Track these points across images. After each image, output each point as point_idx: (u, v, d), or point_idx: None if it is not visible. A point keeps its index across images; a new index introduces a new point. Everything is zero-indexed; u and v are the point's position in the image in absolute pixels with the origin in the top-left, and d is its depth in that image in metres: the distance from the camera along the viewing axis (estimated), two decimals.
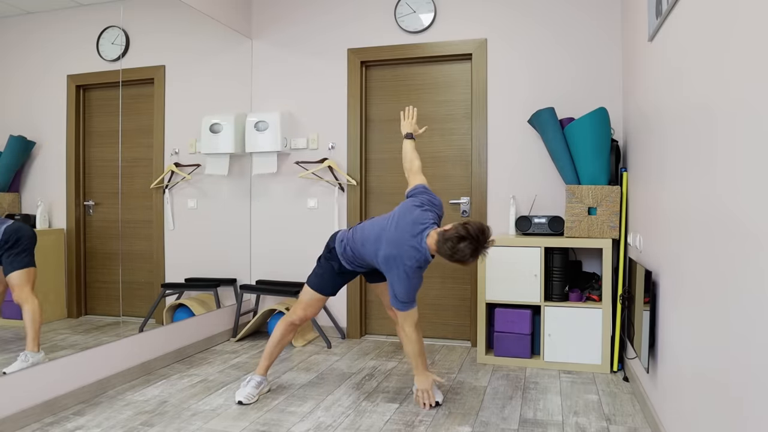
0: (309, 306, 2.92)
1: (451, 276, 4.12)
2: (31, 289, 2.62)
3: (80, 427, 2.58)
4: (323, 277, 2.89)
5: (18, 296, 2.56)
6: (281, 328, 2.95)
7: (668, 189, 2.23)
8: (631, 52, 3.31)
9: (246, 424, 2.63)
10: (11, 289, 2.55)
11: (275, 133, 4.19)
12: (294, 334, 2.99)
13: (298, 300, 2.97)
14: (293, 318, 2.93)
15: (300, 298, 2.95)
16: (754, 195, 1.30)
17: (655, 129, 2.52)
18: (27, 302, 2.60)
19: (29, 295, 2.60)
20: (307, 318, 2.94)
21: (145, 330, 3.36)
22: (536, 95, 3.91)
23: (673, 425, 2.15)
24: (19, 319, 2.59)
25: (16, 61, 2.59)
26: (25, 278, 2.59)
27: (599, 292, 3.50)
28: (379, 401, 2.93)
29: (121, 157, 3.20)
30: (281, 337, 2.95)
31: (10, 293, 2.55)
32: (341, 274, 2.89)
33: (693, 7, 1.86)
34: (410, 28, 4.11)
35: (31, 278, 2.62)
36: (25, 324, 2.61)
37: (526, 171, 3.92)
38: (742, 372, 1.38)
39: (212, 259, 4.00)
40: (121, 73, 3.18)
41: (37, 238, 2.67)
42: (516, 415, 2.73)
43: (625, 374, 3.26)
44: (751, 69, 1.32)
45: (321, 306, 2.95)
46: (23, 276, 2.58)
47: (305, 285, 2.95)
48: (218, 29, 4.05)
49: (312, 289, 2.91)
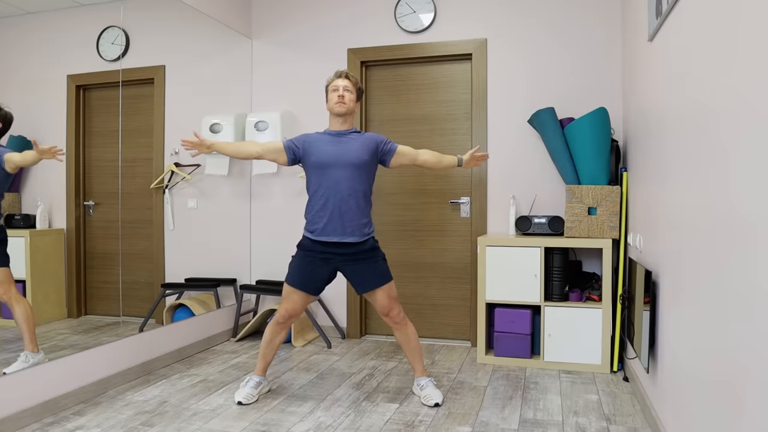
0: (285, 299, 2.90)
1: (451, 276, 4.12)
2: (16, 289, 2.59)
3: (80, 427, 2.58)
4: (291, 267, 2.90)
5: (6, 295, 2.54)
6: (269, 329, 2.95)
7: (668, 189, 2.23)
8: (631, 52, 3.31)
9: (246, 424, 2.63)
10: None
11: (275, 133, 4.19)
12: (285, 333, 2.96)
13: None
14: (277, 317, 2.92)
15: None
16: (754, 195, 1.30)
17: (655, 129, 2.52)
18: (18, 302, 2.58)
19: (17, 294, 2.59)
20: (289, 314, 2.89)
21: (145, 330, 3.36)
22: (536, 95, 3.91)
23: (673, 425, 2.15)
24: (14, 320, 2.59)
25: (16, 61, 2.59)
26: (9, 277, 2.57)
27: (599, 292, 3.50)
28: (379, 401, 2.93)
29: (121, 157, 3.20)
30: (271, 338, 2.94)
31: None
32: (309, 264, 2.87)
33: (693, 7, 1.86)
34: (410, 28, 4.11)
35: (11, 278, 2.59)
36: (19, 325, 2.60)
37: (526, 171, 3.92)
38: (742, 372, 1.38)
39: (212, 259, 4.00)
40: (121, 73, 3.18)
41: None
42: (516, 415, 2.73)
43: (625, 374, 3.26)
44: (752, 68, 1.32)
45: (298, 300, 2.88)
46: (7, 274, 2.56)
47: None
48: (218, 29, 4.05)
49: (285, 283, 2.92)
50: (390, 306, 2.87)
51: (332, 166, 2.82)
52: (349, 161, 2.83)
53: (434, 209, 4.15)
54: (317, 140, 2.90)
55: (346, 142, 2.87)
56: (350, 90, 2.90)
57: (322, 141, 2.89)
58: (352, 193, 2.81)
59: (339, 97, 2.87)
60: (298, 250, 2.92)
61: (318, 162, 2.84)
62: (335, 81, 2.91)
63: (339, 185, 2.80)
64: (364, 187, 2.86)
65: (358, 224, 2.82)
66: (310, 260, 2.86)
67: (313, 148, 2.88)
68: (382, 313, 2.90)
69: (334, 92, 2.89)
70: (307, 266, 2.86)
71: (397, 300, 2.91)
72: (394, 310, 2.88)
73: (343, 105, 2.87)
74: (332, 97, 2.89)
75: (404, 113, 4.22)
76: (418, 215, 4.19)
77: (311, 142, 2.90)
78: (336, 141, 2.87)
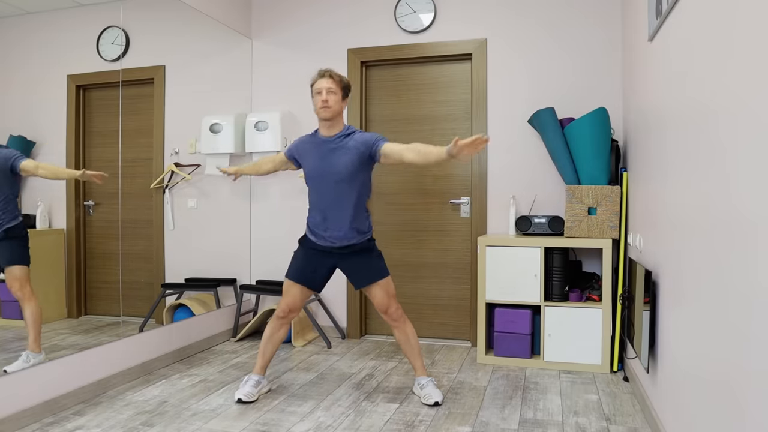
0: (285, 294, 2.94)
1: (451, 276, 4.12)
2: (31, 287, 2.62)
3: (80, 427, 2.58)
4: (291, 262, 2.97)
5: (20, 293, 2.56)
6: (270, 325, 2.99)
7: (668, 189, 2.23)
8: (631, 52, 3.31)
9: (246, 424, 2.63)
10: (11, 283, 2.54)
11: (275, 133, 4.19)
12: (285, 329, 2.98)
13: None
14: (277, 311, 2.96)
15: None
16: (754, 194, 1.30)
17: (655, 129, 2.52)
18: (29, 301, 2.60)
19: (31, 294, 2.61)
20: (289, 308, 2.93)
21: (145, 330, 3.36)
22: (536, 95, 3.91)
23: (673, 425, 2.15)
24: (20, 319, 2.59)
25: (16, 61, 2.59)
26: (26, 275, 2.59)
27: (599, 292, 3.50)
28: (379, 401, 2.93)
29: (121, 157, 3.20)
30: (271, 333, 2.97)
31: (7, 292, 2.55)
32: (309, 257, 2.91)
33: (693, 7, 1.86)
34: (410, 28, 4.11)
35: (29, 276, 2.62)
36: (27, 324, 2.61)
37: (526, 171, 3.92)
38: (742, 372, 1.38)
39: (212, 259, 4.00)
40: (121, 73, 3.18)
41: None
42: (516, 415, 2.73)
43: (625, 374, 3.26)
44: (752, 68, 1.32)
45: (297, 293, 2.91)
46: (25, 272, 2.58)
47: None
48: (218, 29, 4.05)
49: (285, 278, 2.96)
50: (388, 303, 2.91)
51: (322, 180, 2.82)
52: (338, 175, 2.78)
53: (434, 209, 4.15)
54: (307, 150, 2.89)
55: (334, 152, 2.81)
56: (334, 90, 2.78)
57: (311, 151, 2.87)
58: (347, 205, 2.81)
59: (323, 102, 2.76)
60: (299, 245, 2.98)
61: (309, 175, 2.88)
62: (318, 82, 2.78)
63: (333, 200, 2.82)
64: (358, 193, 2.83)
65: (357, 228, 2.86)
66: (311, 254, 2.92)
67: (304, 159, 2.90)
68: (380, 310, 2.93)
69: (318, 95, 2.78)
70: (306, 260, 2.92)
71: (395, 297, 2.94)
72: (391, 306, 2.91)
73: (327, 110, 2.77)
74: (316, 100, 2.78)
75: (404, 113, 4.21)
76: (418, 215, 4.19)
77: (302, 151, 2.91)
78: (324, 152, 2.83)
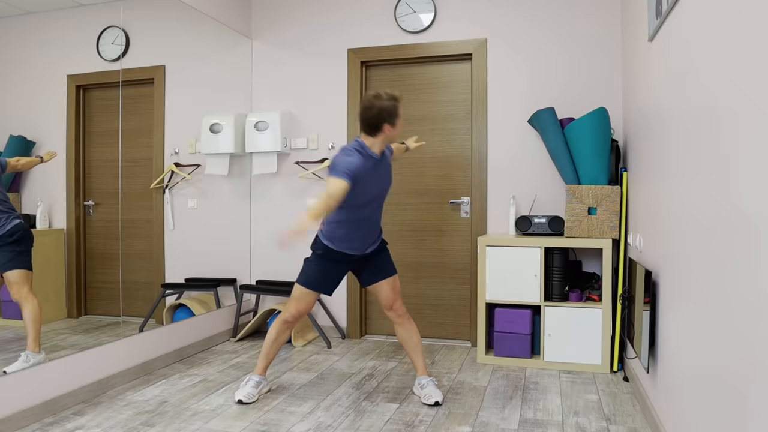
0: (298, 300, 2.91)
1: (451, 276, 4.12)
2: (29, 289, 2.62)
3: (80, 427, 2.58)
4: (308, 270, 2.90)
5: (17, 295, 2.57)
6: (276, 327, 2.96)
7: (668, 189, 2.23)
8: (631, 52, 3.31)
9: (246, 424, 2.63)
10: (9, 287, 2.55)
11: (275, 133, 4.19)
12: (290, 332, 2.98)
13: (290, 297, 2.98)
14: (286, 315, 2.93)
15: (292, 295, 2.96)
16: (754, 194, 1.30)
17: (655, 129, 2.52)
18: (27, 302, 2.60)
19: (28, 294, 2.61)
20: (300, 314, 2.92)
21: (145, 330, 3.36)
22: (536, 95, 3.91)
23: (673, 425, 2.15)
24: (19, 319, 2.59)
25: (16, 61, 2.59)
26: (24, 277, 2.59)
27: (599, 292, 3.50)
28: (379, 401, 2.93)
29: (121, 157, 3.20)
30: (276, 335, 2.96)
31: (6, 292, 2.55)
32: (330, 267, 2.89)
33: (693, 7, 1.86)
34: (410, 28, 4.11)
35: (29, 279, 2.62)
36: (26, 324, 2.61)
37: (526, 171, 3.92)
38: (742, 372, 1.38)
39: (212, 259, 4.00)
40: (121, 73, 3.18)
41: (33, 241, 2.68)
42: (516, 415, 2.73)
43: (625, 374, 3.26)
44: (752, 68, 1.32)
45: (311, 301, 2.92)
46: (23, 275, 2.59)
47: (296, 283, 2.96)
48: (218, 29, 4.05)
49: (300, 285, 2.91)
50: (394, 298, 2.96)
51: (373, 202, 2.84)
52: (386, 193, 2.91)
53: (434, 209, 4.15)
54: (364, 174, 2.72)
55: (383, 169, 2.84)
56: None
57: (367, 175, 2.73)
58: (380, 216, 2.93)
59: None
60: (314, 254, 2.91)
61: (362, 199, 2.77)
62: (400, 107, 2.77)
63: (373, 215, 2.87)
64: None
65: (377, 236, 2.95)
66: (332, 264, 2.89)
67: (359, 185, 2.72)
68: (385, 307, 2.97)
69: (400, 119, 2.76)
70: (327, 269, 2.89)
71: (400, 294, 3.01)
72: (397, 302, 2.97)
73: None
74: (400, 125, 2.77)
75: (404, 113, 4.21)
76: (418, 215, 4.19)
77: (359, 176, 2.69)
78: (380, 173, 2.82)
